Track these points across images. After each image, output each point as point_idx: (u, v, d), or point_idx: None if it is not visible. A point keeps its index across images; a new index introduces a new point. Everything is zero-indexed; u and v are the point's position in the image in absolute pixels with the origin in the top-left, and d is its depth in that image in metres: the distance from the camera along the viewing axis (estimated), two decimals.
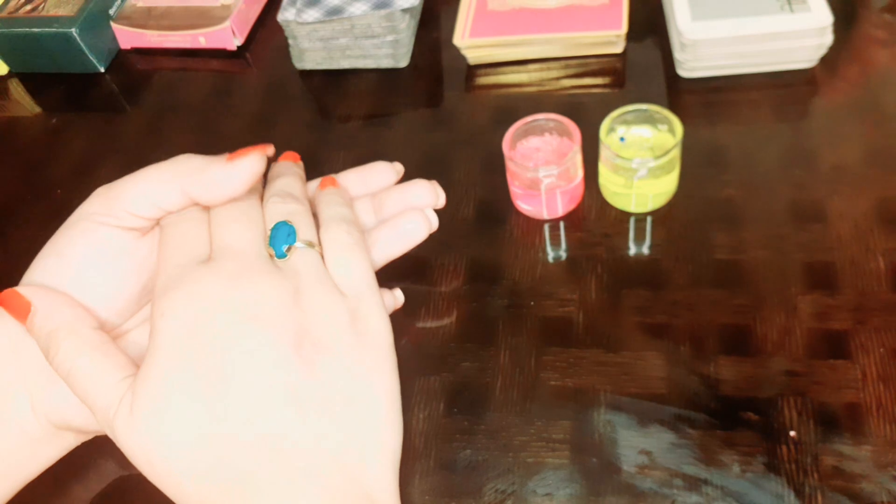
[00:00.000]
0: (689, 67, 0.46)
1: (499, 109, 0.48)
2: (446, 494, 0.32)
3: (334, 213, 0.33)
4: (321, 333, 0.28)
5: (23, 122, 0.55)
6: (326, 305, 0.29)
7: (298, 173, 0.36)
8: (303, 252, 0.31)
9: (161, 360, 0.27)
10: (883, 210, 0.39)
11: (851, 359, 0.34)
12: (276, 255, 0.30)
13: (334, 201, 0.34)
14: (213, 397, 0.26)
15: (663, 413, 0.33)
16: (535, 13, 0.49)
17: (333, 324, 0.29)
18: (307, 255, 0.31)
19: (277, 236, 0.31)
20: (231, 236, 0.30)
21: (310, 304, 0.29)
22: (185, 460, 0.26)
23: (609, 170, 0.39)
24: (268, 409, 0.26)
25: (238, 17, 0.55)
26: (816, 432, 0.32)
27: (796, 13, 0.44)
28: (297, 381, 0.27)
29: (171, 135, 0.51)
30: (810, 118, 0.44)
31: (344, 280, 0.31)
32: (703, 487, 0.31)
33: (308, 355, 0.28)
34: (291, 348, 0.27)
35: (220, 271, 0.29)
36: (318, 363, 0.28)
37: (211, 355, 0.27)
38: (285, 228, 0.31)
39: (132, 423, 0.26)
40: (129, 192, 0.30)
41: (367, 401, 0.28)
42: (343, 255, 0.31)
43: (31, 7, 0.55)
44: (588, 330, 0.37)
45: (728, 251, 0.38)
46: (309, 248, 0.31)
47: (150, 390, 0.27)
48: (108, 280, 0.31)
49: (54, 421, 0.30)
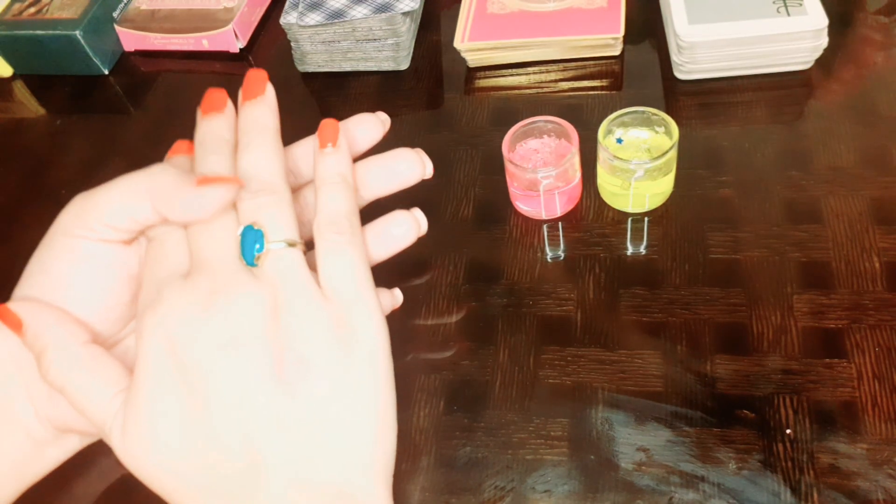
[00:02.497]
0: (687, 70, 0.46)
1: (498, 111, 0.48)
2: (446, 491, 0.33)
3: (328, 205, 0.30)
4: (303, 350, 0.27)
5: (27, 123, 0.55)
6: (307, 318, 0.27)
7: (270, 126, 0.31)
8: (276, 256, 0.28)
9: (144, 383, 0.27)
10: (878, 210, 0.39)
11: (847, 357, 0.34)
12: (247, 264, 0.28)
13: (330, 182, 0.31)
14: (197, 423, 0.26)
15: (660, 411, 0.34)
16: (533, 16, 0.50)
17: (315, 338, 0.27)
18: (282, 260, 0.28)
19: (245, 244, 0.28)
20: (205, 247, 0.28)
21: (289, 319, 0.27)
22: (177, 481, 0.26)
23: (607, 171, 0.40)
24: (253, 435, 0.26)
25: (241, 20, 0.55)
26: (812, 430, 0.32)
27: (792, 16, 0.44)
28: (279, 406, 0.26)
29: (175, 136, 0.51)
30: (806, 119, 0.44)
31: (331, 283, 0.28)
32: (699, 484, 0.31)
33: (289, 377, 0.26)
34: (271, 372, 0.26)
35: (195, 290, 0.27)
36: (300, 384, 0.26)
37: (192, 382, 0.26)
38: (251, 234, 0.28)
39: (124, 443, 0.27)
40: (103, 206, 0.29)
41: (356, 418, 0.27)
42: (332, 257, 0.29)
43: (36, 9, 0.56)
44: (586, 329, 0.37)
45: (724, 251, 0.39)
46: (285, 249, 0.28)
47: (136, 415, 0.26)
48: (97, 292, 0.30)
49: (58, 425, 0.30)
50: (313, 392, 0.27)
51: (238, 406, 0.26)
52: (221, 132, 0.31)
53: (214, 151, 0.30)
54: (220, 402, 0.26)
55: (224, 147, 0.30)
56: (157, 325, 0.27)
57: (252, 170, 0.30)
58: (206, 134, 0.31)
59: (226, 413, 0.26)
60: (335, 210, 0.30)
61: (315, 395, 0.27)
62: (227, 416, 0.26)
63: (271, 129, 0.31)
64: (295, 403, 0.26)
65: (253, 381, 0.26)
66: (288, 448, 0.26)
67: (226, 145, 0.30)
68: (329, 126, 0.32)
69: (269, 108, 0.32)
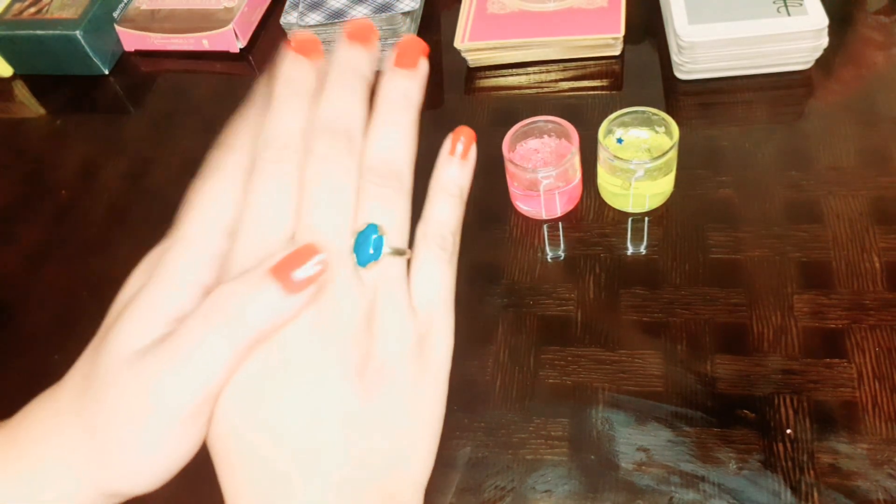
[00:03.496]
0: (687, 70, 0.46)
1: (498, 111, 0.48)
2: (446, 491, 0.33)
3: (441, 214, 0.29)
4: (386, 360, 0.27)
5: (28, 123, 0.55)
6: (397, 330, 0.27)
7: (415, 104, 0.29)
8: (387, 264, 0.28)
9: None
10: (878, 210, 0.39)
11: (847, 357, 0.34)
12: (356, 262, 0.27)
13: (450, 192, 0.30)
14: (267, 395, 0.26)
15: (661, 411, 0.34)
16: (534, 16, 0.50)
17: (400, 351, 0.27)
18: (390, 269, 0.28)
19: (364, 244, 0.27)
20: (318, 222, 0.27)
21: (380, 327, 0.27)
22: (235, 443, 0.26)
23: (607, 171, 0.40)
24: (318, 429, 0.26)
25: (241, 20, 0.55)
26: (812, 430, 0.32)
27: (792, 16, 0.44)
28: (352, 407, 0.26)
29: (175, 136, 0.51)
30: (806, 119, 0.44)
31: (422, 296, 0.28)
32: (700, 484, 0.31)
33: (368, 382, 0.27)
34: (354, 373, 0.26)
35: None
36: (375, 391, 0.27)
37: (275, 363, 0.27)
38: (374, 240, 0.27)
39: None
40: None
41: (413, 431, 0.27)
42: (431, 270, 0.29)
43: (36, 10, 0.56)
44: (586, 329, 0.37)
45: (724, 251, 0.39)
46: (395, 257, 0.28)
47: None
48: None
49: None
50: (384, 401, 0.27)
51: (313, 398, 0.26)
52: (365, 70, 0.29)
53: (352, 89, 0.28)
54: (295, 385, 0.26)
55: (362, 90, 0.28)
56: None
57: (387, 153, 0.28)
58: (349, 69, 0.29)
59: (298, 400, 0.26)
60: (446, 223, 0.29)
61: (386, 404, 0.27)
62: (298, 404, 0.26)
63: (415, 107, 0.29)
64: (366, 407, 0.27)
65: (336, 373, 0.26)
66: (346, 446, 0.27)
67: (365, 88, 0.28)
68: (467, 133, 0.30)
69: (419, 85, 0.29)
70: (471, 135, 0.31)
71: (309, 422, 0.27)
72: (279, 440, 0.26)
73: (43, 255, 0.35)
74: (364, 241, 0.28)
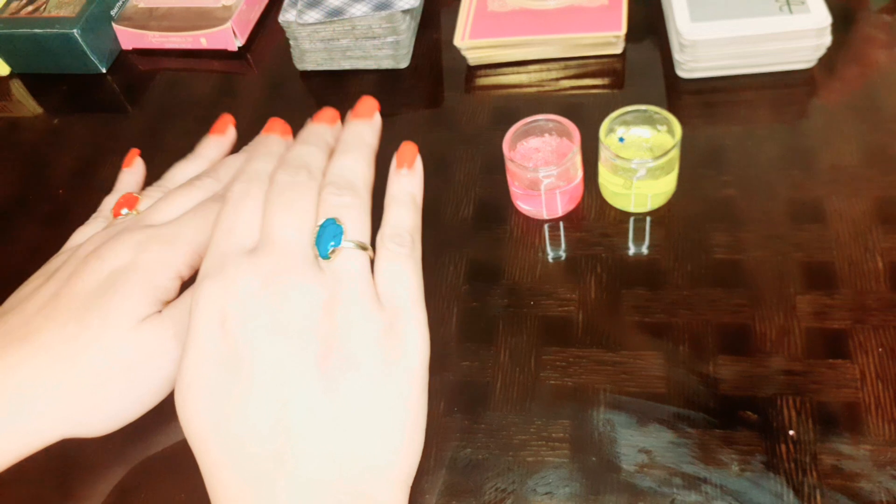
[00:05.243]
0: (689, 68, 0.46)
1: (499, 110, 0.48)
2: (447, 493, 0.33)
3: (394, 219, 0.32)
4: (350, 349, 0.28)
5: (25, 122, 0.55)
6: (361, 320, 0.28)
7: (370, 143, 0.34)
8: (348, 255, 0.29)
9: (193, 349, 0.28)
10: (881, 210, 0.39)
11: (850, 358, 0.34)
12: (319, 254, 0.29)
13: (401, 200, 0.32)
14: (233, 399, 0.27)
15: (663, 412, 0.34)
16: (534, 14, 0.49)
17: (364, 341, 0.28)
18: (352, 260, 0.29)
19: (324, 235, 0.29)
20: (278, 227, 0.29)
21: (344, 317, 0.28)
22: (207, 444, 0.27)
23: (608, 170, 0.39)
24: (285, 423, 0.26)
25: (239, 18, 0.55)
26: (815, 431, 0.32)
27: (795, 14, 0.44)
28: (316, 399, 0.27)
29: (173, 135, 0.51)
30: (809, 118, 0.44)
31: (387, 291, 0.30)
32: (702, 486, 0.31)
33: (332, 371, 0.27)
34: (316, 362, 0.27)
35: (259, 268, 0.28)
36: (341, 380, 0.27)
37: (237, 358, 0.27)
38: (333, 228, 0.29)
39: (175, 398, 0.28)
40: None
41: (386, 424, 0.28)
42: (392, 266, 0.30)
43: (33, 8, 0.56)
44: (587, 329, 0.37)
45: (727, 251, 0.38)
46: (356, 251, 0.29)
47: (182, 376, 0.28)
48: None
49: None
50: (352, 392, 0.27)
51: (276, 391, 0.27)
52: (326, 136, 0.34)
53: (315, 144, 0.33)
54: (259, 384, 0.27)
55: (323, 146, 0.34)
56: (213, 296, 0.28)
57: (344, 171, 0.32)
58: (313, 133, 0.34)
59: (263, 395, 0.27)
60: (400, 224, 0.32)
61: (353, 396, 0.27)
62: (263, 399, 0.27)
63: (370, 146, 0.34)
64: (332, 400, 0.27)
65: (296, 369, 0.27)
66: (317, 442, 0.27)
67: (326, 146, 0.34)
68: (408, 149, 0.34)
69: (374, 130, 0.35)
70: (413, 148, 0.34)
71: (275, 420, 0.27)
72: (247, 441, 0.27)
73: (41, 255, 0.35)
74: (323, 233, 0.29)
